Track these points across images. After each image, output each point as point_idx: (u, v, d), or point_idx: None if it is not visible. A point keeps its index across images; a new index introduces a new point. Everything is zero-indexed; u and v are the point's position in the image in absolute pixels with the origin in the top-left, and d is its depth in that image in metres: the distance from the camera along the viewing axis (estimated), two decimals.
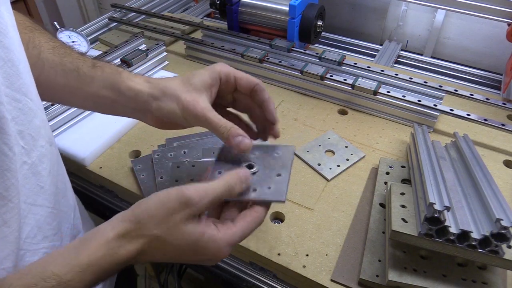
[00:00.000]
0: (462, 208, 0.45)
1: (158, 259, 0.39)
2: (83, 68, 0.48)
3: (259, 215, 0.41)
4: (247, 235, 0.40)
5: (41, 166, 0.40)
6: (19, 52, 0.37)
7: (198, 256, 0.39)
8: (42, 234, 0.41)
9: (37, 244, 0.40)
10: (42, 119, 0.41)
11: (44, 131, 0.41)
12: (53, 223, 0.43)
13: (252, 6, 0.91)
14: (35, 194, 0.39)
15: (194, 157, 0.62)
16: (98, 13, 1.73)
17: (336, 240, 0.55)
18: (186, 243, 0.37)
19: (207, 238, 0.38)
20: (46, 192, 0.41)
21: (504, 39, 0.80)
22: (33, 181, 0.38)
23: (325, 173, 0.64)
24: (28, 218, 0.39)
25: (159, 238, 0.36)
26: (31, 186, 0.38)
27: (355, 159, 0.66)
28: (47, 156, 0.41)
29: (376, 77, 0.77)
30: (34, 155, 0.38)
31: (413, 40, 1.07)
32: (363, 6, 1.07)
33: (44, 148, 0.40)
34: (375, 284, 0.48)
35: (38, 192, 0.39)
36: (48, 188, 0.41)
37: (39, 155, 0.39)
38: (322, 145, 0.68)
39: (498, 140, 0.70)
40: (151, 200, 0.37)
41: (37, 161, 0.39)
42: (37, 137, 0.39)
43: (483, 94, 0.73)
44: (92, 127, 0.72)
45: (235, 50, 0.85)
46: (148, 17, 1.07)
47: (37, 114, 0.39)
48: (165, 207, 0.36)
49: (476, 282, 0.46)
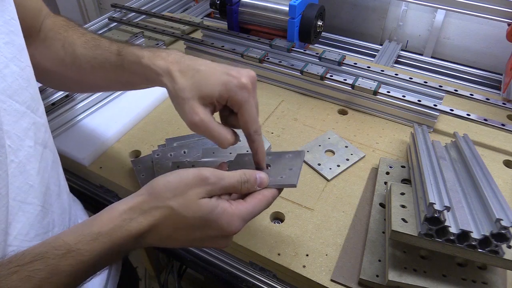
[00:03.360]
0: (462, 208, 0.45)
1: (167, 238, 0.39)
2: (111, 59, 0.50)
3: (269, 195, 0.43)
4: (257, 212, 0.42)
5: (29, 165, 0.40)
6: (3, 55, 0.38)
7: (210, 230, 0.39)
8: (35, 232, 0.42)
9: (30, 241, 0.41)
10: (33, 122, 0.42)
11: (34, 133, 0.42)
12: (43, 222, 0.43)
13: (252, 6, 0.91)
14: (24, 192, 0.40)
15: (194, 157, 0.62)
16: (98, 13, 1.73)
17: (336, 240, 0.55)
18: (199, 216, 0.38)
19: (220, 210, 0.39)
20: (36, 191, 0.42)
21: (504, 39, 0.80)
22: (21, 179, 0.39)
23: (325, 173, 0.64)
24: (19, 215, 0.39)
25: (173, 211, 0.38)
26: (20, 184, 0.39)
27: (355, 159, 0.66)
28: (35, 157, 0.42)
29: (376, 77, 0.77)
30: (21, 155, 0.39)
31: (413, 40, 1.07)
32: (363, 6, 1.07)
33: (32, 149, 0.41)
34: (375, 284, 0.48)
35: (27, 190, 0.40)
36: (37, 187, 0.42)
37: (27, 155, 0.40)
38: (322, 145, 0.68)
39: (498, 140, 0.70)
40: (171, 175, 0.39)
41: (25, 160, 0.40)
42: (23, 137, 0.40)
43: (483, 94, 0.73)
44: (92, 127, 0.72)
45: (235, 50, 0.85)
46: (148, 17, 1.07)
47: (24, 116, 0.40)
48: (183, 182, 0.38)
49: (476, 282, 0.46)
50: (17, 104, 0.39)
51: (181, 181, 0.38)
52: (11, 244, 0.38)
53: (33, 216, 0.41)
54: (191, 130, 0.45)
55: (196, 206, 0.38)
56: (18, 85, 0.39)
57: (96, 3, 1.72)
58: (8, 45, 0.38)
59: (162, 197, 0.38)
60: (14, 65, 0.38)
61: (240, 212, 0.40)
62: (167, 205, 0.38)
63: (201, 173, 0.39)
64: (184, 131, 0.71)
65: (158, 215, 0.37)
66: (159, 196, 0.38)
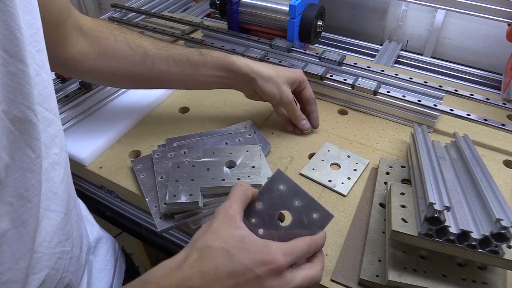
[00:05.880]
0: (462, 208, 0.45)
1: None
2: (193, 57, 0.63)
3: (314, 238, 0.43)
4: (302, 250, 0.41)
5: (53, 172, 0.40)
6: (36, 63, 0.38)
7: (246, 254, 0.38)
8: (57, 239, 0.42)
9: (53, 248, 0.41)
10: (59, 128, 0.42)
11: (60, 140, 0.42)
12: (65, 229, 0.43)
13: (252, 6, 0.91)
14: (48, 200, 0.40)
15: (194, 157, 0.62)
16: (98, 13, 1.73)
17: (336, 240, 0.55)
18: (233, 240, 0.38)
19: (256, 238, 0.40)
20: (59, 198, 0.42)
21: (504, 39, 0.80)
22: (46, 187, 0.39)
23: (339, 189, 0.61)
24: (44, 222, 0.39)
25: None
26: (44, 192, 0.39)
27: (362, 167, 0.64)
28: (60, 163, 0.42)
29: (376, 77, 0.77)
30: (46, 162, 0.39)
31: (413, 40, 1.07)
32: (363, 6, 1.07)
33: (58, 156, 0.41)
34: (375, 284, 0.48)
35: (51, 197, 0.40)
36: (61, 194, 0.42)
37: (52, 162, 0.40)
38: (325, 160, 0.66)
39: (498, 140, 0.70)
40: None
41: (50, 167, 0.40)
42: (50, 145, 0.40)
43: (483, 94, 0.73)
44: (92, 127, 0.72)
45: (235, 50, 0.85)
46: (148, 17, 1.06)
47: (51, 123, 0.40)
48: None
49: (476, 282, 0.46)
50: (46, 112, 0.38)
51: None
52: (36, 251, 0.38)
53: (56, 223, 0.41)
54: (282, 106, 0.67)
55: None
56: (47, 92, 0.39)
57: (96, 3, 1.71)
58: (40, 53, 0.37)
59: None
60: (44, 72, 0.38)
61: (280, 244, 0.39)
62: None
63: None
64: (184, 131, 0.71)
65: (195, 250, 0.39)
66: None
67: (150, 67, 0.62)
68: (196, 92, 0.82)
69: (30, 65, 0.32)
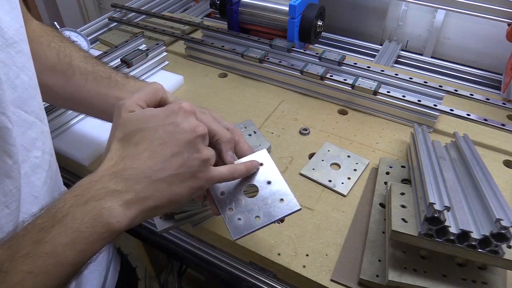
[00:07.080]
0: (462, 208, 0.45)
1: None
2: (116, 77, 0.53)
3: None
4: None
5: (34, 176, 0.40)
6: (15, 65, 0.37)
7: (171, 118, 0.39)
8: None
9: None
10: (41, 131, 0.41)
11: (42, 142, 0.41)
12: None
13: (252, 6, 0.91)
14: (29, 204, 0.39)
15: None
16: (98, 13, 1.73)
17: (336, 240, 0.55)
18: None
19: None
20: (40, 202, 0.41)
21: (504, 39, 0.80)
22: (27, 191, 0.39)
23: (339, 189, 0.61)
24: None
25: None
26: (25, 196, 0.38)
27: (362, 167, 0.65)
28: (42, 167, 0.41)
29: (376, 77, 0.77)
30: (26, 166, 0.38)
31: (413, 40, 1.07)
32: (363, 6, 1.07)
33: (39, 159, 0.40)
34: (375, 284, 0.48)
35: (32, 202, 0.40)
36: (42, 198, 0.41)
37: (32, 166, 0.39)
38: (325, 160, 0.66)
39: (498, 140, 0.70)
40: None
41: (30, 171, 0.39)
42: (30, 148, 0.39)
43: (483, 94, 0.73)
44: (92, 127, 0.72)
45: (235, 50, 0.85)
46: (148, 17, 1.07)
47: (32, 126, 0.39)
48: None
49: (476, 282, 0.46)
50: (26, 114, 0.38)
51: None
52: None
53: None
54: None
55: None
56: (28, 94, 0.38)
57: (96, 3, 1.72)
58: (20, 54, 0.37)
59: None
60: (24, 74, 0.37)
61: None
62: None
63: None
64: None
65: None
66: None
67: (67, 80, 0.53)
68: (196, 92, 0.81)
69: (10, 67, 0.32)
